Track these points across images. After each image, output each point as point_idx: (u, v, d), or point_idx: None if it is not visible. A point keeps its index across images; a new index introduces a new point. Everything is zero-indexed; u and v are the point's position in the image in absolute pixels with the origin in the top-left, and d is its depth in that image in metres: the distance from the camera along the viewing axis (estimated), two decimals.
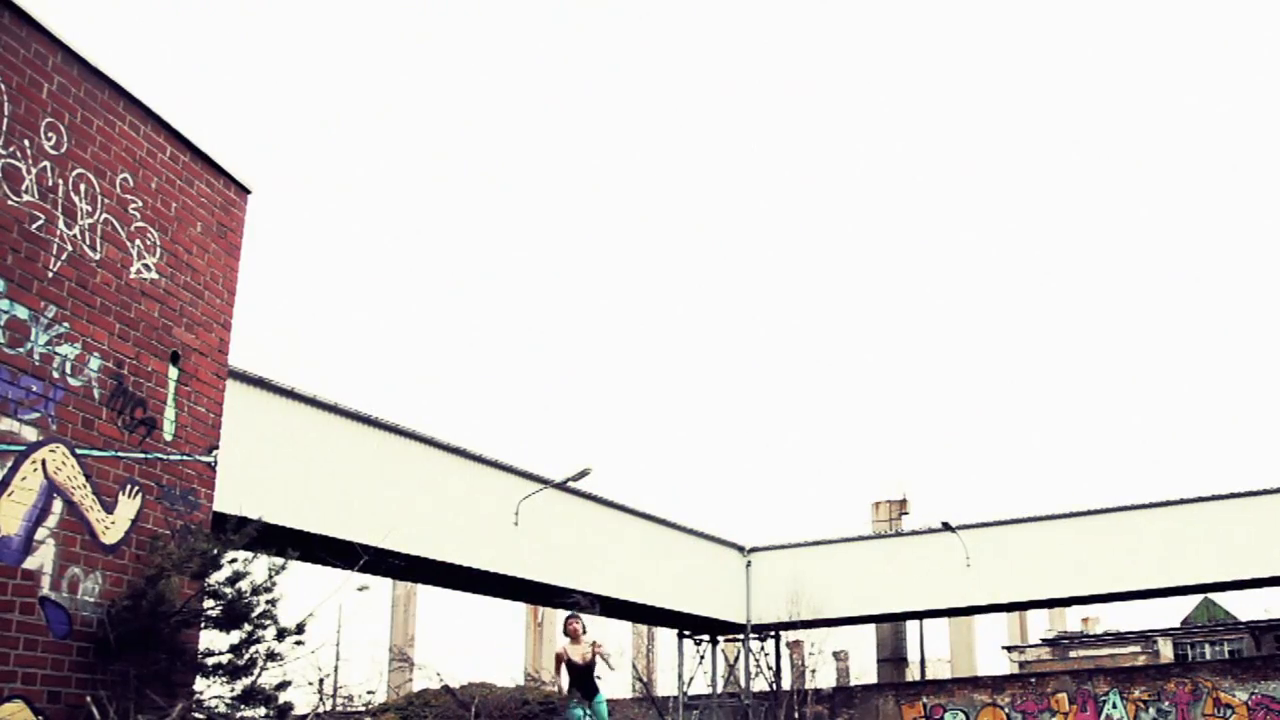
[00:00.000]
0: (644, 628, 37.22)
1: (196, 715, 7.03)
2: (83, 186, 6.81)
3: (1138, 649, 40.79)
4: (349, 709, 21.33)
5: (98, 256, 6.87)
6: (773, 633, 30.31)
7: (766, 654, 30.57)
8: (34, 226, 6.41)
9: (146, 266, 7.28)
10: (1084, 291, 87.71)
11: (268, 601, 7.21)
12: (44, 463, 6.32)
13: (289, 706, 7.53)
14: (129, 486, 6.95)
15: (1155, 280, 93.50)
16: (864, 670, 35.11)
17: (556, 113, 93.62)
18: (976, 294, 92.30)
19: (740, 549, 30.24)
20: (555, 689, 27.61)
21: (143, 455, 7.08)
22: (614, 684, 27.07)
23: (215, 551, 7.08)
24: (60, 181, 6.64)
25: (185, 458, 7.48)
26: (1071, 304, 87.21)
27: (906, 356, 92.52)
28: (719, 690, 31.03)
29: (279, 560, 7.46)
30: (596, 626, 23.61)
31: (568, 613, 7.18)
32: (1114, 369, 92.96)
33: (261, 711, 7.31)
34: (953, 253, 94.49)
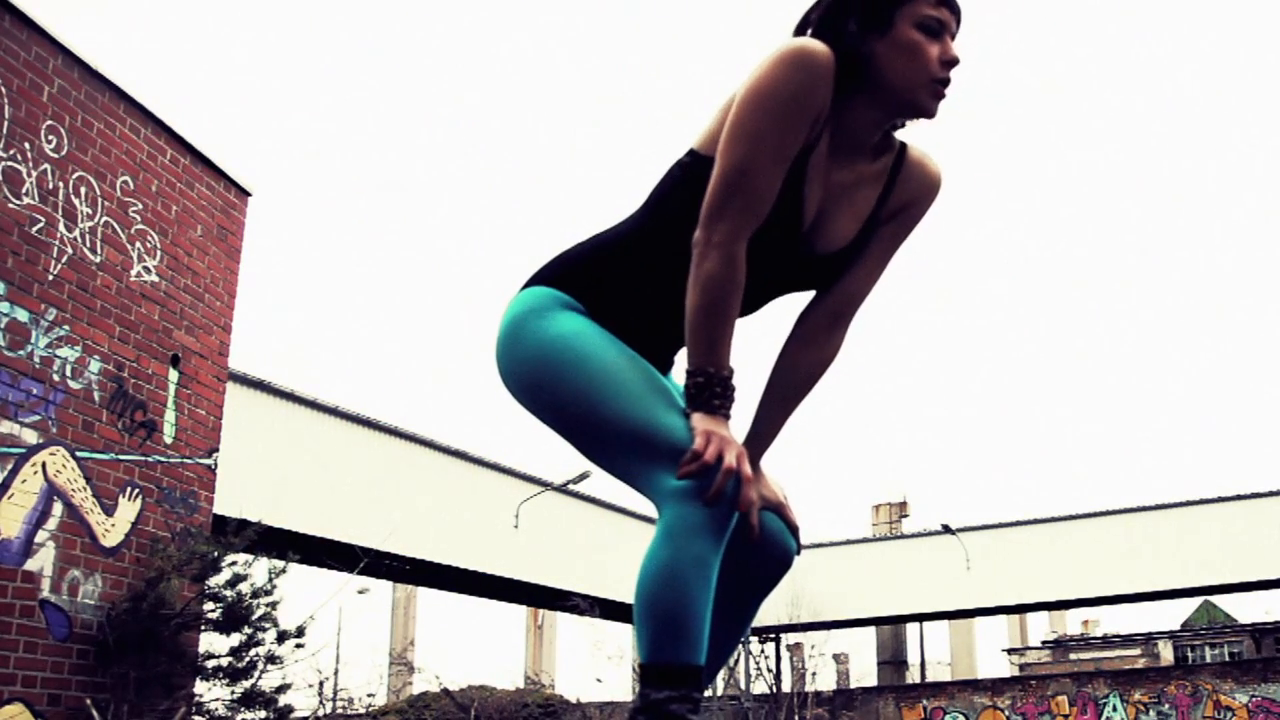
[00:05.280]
0: None
1: (196, 718, 7.03)
2: (83, 189, 6.82)
3: (1138, 651, 40.78)
4: (349, 712, 21.34)
5: (98, 259, 6.88)
6: (772, 635, 30.32)
7: (766, 656, 30.57)
8: (34, 229, 6.42)
9: (147, 269, 7.29)
10: (1084, 293, 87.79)
11: (268, 604, 7.22)
12: (44, 465, 6.32)
13: (289, 709, 7.53)
14: (129, 489, 6.95)
15: (1155, 281, 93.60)
16: (864, 673, 35.08)
17: (558, 115, 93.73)
18: (976, 295, 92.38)
19: None
20: (551, 688, 27.66)
21: (143, 458, 7.08)
22: (614, 687, 27.03)
23: (215, 554, 7.08)
24: (61, 184, 6.64)
25: (185, 460, 7.48)
26: (1071, 305, 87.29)
27: (906, 358, 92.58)
28: (719, 693, 31.03)
29: (279, 563, 7.47)
30: (595, 630, 23.65)
31: None
32: (1114, 371, 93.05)
33: (261, 714, 7.31)
34: (951, 253, 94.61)
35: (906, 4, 1.77)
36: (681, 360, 1.87)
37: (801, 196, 1.81)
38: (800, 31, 1.84)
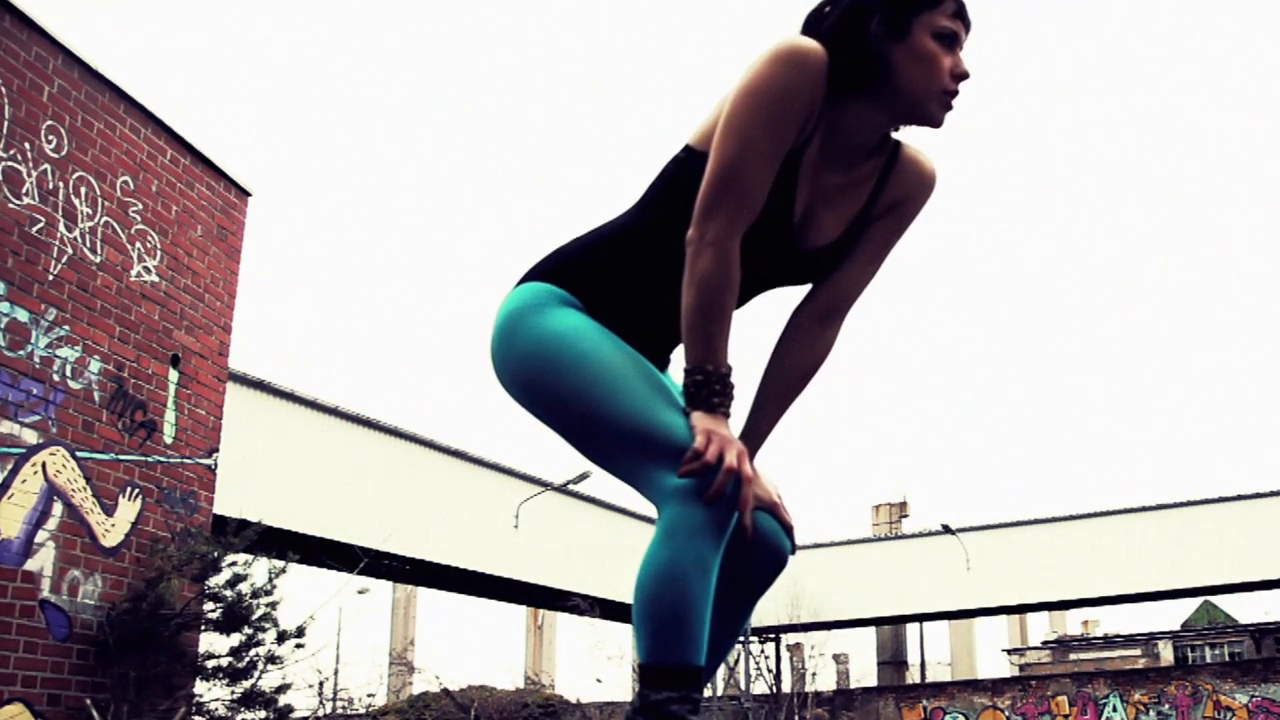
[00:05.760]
0: None
1: (197, 718, 7.03)
2: (83, 189, 6.82)
3: (1138, 652, 40.79)
4: (349, 712, 21.34)
5: (98, 259, 6.88)
6: (772, 635, 30.33)
7: (766, 657, 30.59)
8: (34, 229, 6.42)
9: (147, 269, 7.29)
10: (1084, 292, 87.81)
11: (268, 604, 7.22)
12: (44, 465, 6.32)
13: (289, 709, 7.53)
14: (129, 489, 6.95)
15: (1155, 281, 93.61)
16: (864, 673, 35.09)
17: (558, 114, 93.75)
18: (976, 295, 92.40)
19: None
20: (551, 689, 27.66)
21: (143, 458, 7.08)
22: (614, 687, 27.05)
23: (215, 554, 7.09)
24: (61, 184, 6.64)
25: (185, 460, 7.48)
26: (1071, 305, 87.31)
27: (906, 358, 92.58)
28: (719, 693, 31.04)
29: (279, 563, 7.47)
30: (595, 630, 23.67)
31: None
32: (1114, 371, 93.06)
33: (261, 714, 7.31)
34: (951, 251, 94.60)
35: (924, 13, 1.77)
36: (679, 358, 1.87)
37: (793, 193, 1.81)
38: (812, 24, 1.83)
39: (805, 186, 1.83)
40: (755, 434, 1.96)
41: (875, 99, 1.80)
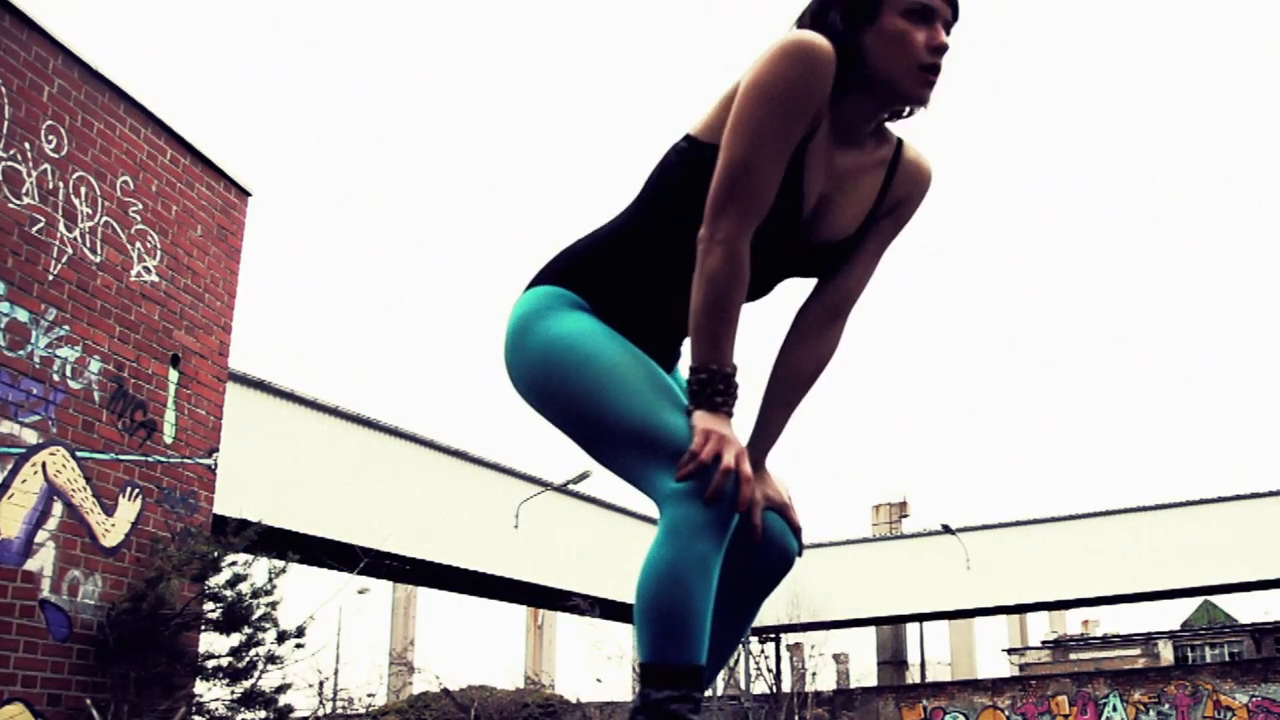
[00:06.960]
0: None
1: (197, 718, 7.03)
2: (83, 189, 6.81)
3: (1138, 651, 40.79)
4: (349, 712, 21.33)
5: (98, 259, 6.88)
6: (772, 635, 30.33)
7: (766, 656, 30.57)
8: (34, 229, 6.42)
9: (147, 269, 7.29)
10: (1084, 293, 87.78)
11: (268, 604, 7.22)
12: (44, 465, 6.32)
13: (289, 709, 7.53)
14: (129, 489, 6.95)
15: (1155, 281, 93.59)
16: (864, 673, 35.06)
17: (558, 113, 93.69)
18: (976, 295, 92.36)
19: None
20: (551, 689, 27.65)
21: (143, 458, 7.08)
22: (614, 687, 27.02)
23: (215, 554, 7.08)
24: (61, 184, 6.64)
25: (185, 460, 7.48)
26: (1072, 304, 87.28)
27: (907, 358, 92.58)
28: (719, 693, 31.04)
29: (279, 563, 7.47)
30: (595, 630, 23.66)
31: None
32: (1114, 370, 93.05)
33: (261, 714, 7.31)
34: (951, 251, 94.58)
35: None
36: (687, 353, 1.87)
37: (800, 185, 1.81)
38: (799, 25, 1.83)
39: (816, 176, 1.83)
40: (765, 435, 1.96)
41: (862, 85, 1.80)
